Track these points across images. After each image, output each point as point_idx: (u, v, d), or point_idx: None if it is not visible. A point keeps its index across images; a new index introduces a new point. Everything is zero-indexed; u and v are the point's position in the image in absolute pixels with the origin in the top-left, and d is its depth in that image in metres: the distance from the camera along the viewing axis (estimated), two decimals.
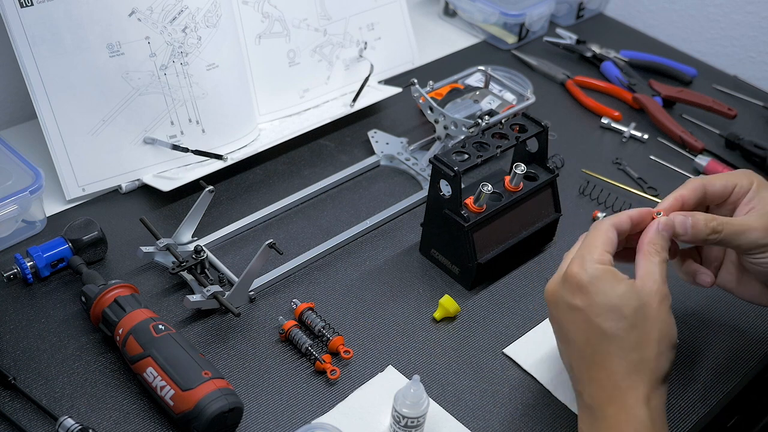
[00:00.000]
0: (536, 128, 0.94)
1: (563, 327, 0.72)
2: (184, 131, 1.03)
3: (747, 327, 0.92)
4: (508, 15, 1.35)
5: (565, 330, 0.72)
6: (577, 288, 0.70)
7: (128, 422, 0.77)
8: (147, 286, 0.90)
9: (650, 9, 1.51)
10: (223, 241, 0.97)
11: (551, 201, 0.98)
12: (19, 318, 0.86)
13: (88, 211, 0.99)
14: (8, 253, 0.92)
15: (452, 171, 0.87)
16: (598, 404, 0.69)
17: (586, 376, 0.70)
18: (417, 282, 0.94)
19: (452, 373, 0.84)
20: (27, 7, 0.92)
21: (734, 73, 1.37)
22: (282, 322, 0.85)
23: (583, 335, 0.70)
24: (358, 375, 0.83)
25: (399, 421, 0.74)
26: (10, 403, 0.77)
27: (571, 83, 1.29)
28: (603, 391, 0.69)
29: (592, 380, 0.70)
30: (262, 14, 1.09)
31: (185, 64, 1.01)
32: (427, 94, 1.07)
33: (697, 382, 0.85)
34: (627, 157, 1.16)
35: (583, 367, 0.71)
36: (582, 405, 0.72)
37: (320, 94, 1.16)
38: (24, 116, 1.11)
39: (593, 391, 0.70)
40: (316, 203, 1.04)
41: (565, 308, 0.71)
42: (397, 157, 1.10)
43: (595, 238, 0.73)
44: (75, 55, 0.95)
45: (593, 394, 0.70)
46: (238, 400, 0.74)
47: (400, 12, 1.23)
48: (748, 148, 1.16)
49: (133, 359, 0.77)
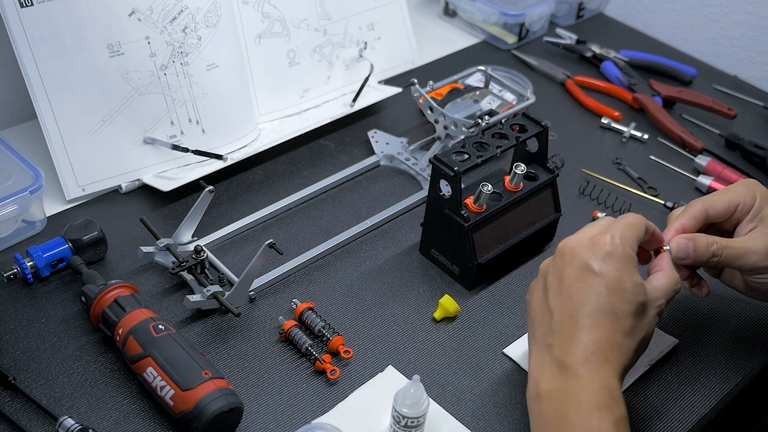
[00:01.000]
0: (536, 128, 0.94)
1: (566, 280, 0.72)
2: (184, 131, 1.03)
3: (747, 327, 0.92)
4: (508, 15, 1.35)
5: (567, 284, 0.72)
6: (604, 255, 0.71)
7: (128, 422, 0.77)
8: (147, 286, 0.90)
9: (650, 9, 1.51)
10: (223, 241, 0.97)
11: (551, 201, 0.98)
12: (19, 318, 0.86)
13: (88, 211, 0.99)
14: (8, 253, 0.92)
15: (452, 171, 0.87)
16: (572, 361, 0.69)
17: (570, 333, 0.70)
18: (417, 282, 0.94)
19: (452, 373, 0.84)
20: (27, 7, 0.92)
21: (734, 73, 1.37)
22: (282, 322, 0.85)
23: (585, 297, 0.70)
24: (358, 375, 0.83)
25: (399, 421, 0.74)
26: (10, 403, 0.77)
27: (571, 83, 1.29)
28: (582, 353, 0.69)
29: (574, 339, 0.70)
30: (262, 14, 1.09)
31: (185, 64, 1.01)
32: (427, 94, 1.07)
33: (697, 382, 0.85)
34: (627, 157, 1.16)
35: (569, 324, 0.70)
36: (549, 356, 0.71)
37: (320, 94, 1.16)
38: (24, 116, 1.11)
39: (572, 348, 0.69)
40: (316, 203, 1.04)
41: (580, 265, 0.71)
42: (397, 157, 1.10)
43: (631, 228, 0.74)
44: (75, 55, 0.95)
45: (571, 352, 0.69)
46: (238, 400, 0.74)
47: (400, 12, 1.23)
48: (748, 148, 1.16)
49: (133, 359, 0.77)
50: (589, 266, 0.71)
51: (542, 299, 0.74)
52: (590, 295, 0.70)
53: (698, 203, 0.81)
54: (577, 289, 0.71)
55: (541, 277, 0.76)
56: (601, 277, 0.70)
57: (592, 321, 0.70)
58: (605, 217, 0.79)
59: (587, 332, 0.70)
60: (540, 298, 0.75)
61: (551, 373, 0.70)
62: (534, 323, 0.74)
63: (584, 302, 0.70)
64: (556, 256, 0.75)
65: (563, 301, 0.72)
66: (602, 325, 0.70)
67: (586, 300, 0.70)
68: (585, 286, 0.71)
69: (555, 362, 0.70)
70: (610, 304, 0.70)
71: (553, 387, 0.69)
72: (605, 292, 0.70)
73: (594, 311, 0.70)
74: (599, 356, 0.69)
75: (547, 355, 0.71)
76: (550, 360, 0.71)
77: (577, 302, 0.71)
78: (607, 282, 0.70)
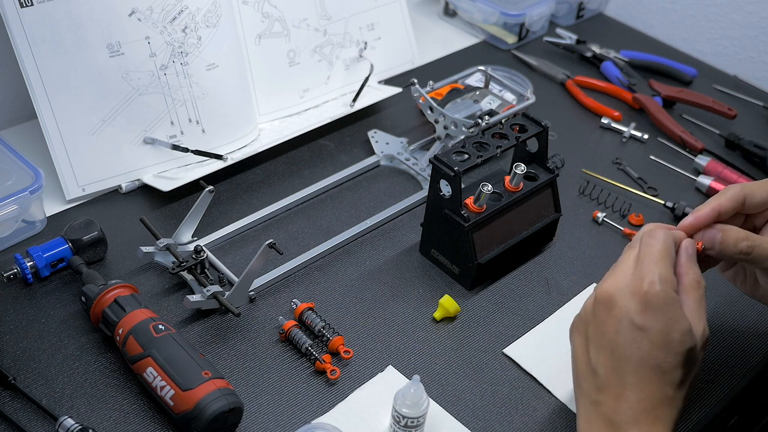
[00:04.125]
0: (536, 128, 0.94)
1: (607, 333, 0.68)
2: (184, 131, 1.03)
3: (747, 327, 0.92)
4: (508, 15, 1.35)
5: (608, 337, 0.68)
6: (645, 306, 0.67)
7: (128, 422, 0.77)
8: (147, 286, 0.90)
9: (650, 9, 1.51)
10: (223, 241, 0.97)
11: (551, 201, 0.98)
12: (19, 318, 0.86)
13: (88, 211, 0.99)
14: (8, 253, 0.92)
15: (452, 171, 0.87)
16: (621, 420, 0.67)
17: (617, 390, 0.67)
18: (417, 282, 0.94)
19: (452, 373, 0.84)
20: (27, 7, 0.92)
21: (734, 73, 1.37)
22: (282, 322, 0.85)
23: (628, 353, 0.67)
24: (358, 375, 0.83)
25: (399, 421, 0.74)
26: (10, 403, 0.77)
27: (571, 83, 1.29)
28: (631, 411, 0.67)
29: (621, 397, 0.67)
30: (262, 14, 1.09)
31: (185, 64, 1.01)
32: (427, 94, 1.07)
33: (697, 382, 0.85)
34: (627, 157, 1.16)
35: (616, 380, 0.68)
36: (597, 413, 0.69)
37: (320, 94, 1.16)
38: (24, 116, 1.11)
39: (621, 407, 0.67)
40: (316, 203, 1.04)
41: (620, 317, 0.68)
42: (397, 157, 1.10)
43: (665, 260, 0.70)
44: (75, 55, 0.95)
45: (619, 411, 0.67)
46: (238, 400, 0.74)
47: (400, 12, 1.23)
48: (748, 148, 1.16)
49: (133, 359, 0.77)
50: (631, 320, 0.67)
51: (584, 350, 0.71)
52: (633, 350, 0.67)
53: (737, 187, 0.76)
54: (619, 345, 0.67)
55: (581, 321, 0.72)
56: (645, 332, 0.66)
57: (638, 378, 0.67)
58: (630, 246, 0.73)
59: (634, 390, 0.67)
60: (582, 348, 0.71)
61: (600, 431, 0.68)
62: (578, 374, 0.71)
63: (628, 358, 0.67)
64: (596, 304, 0.70)
65: (606, 356, 0.68)
66: (650, 381, 0.67)
67: (630, 356, 0.67)
68: (627, 341, 0.67)
69: (604, 419, 0.68)
70: (656, 359, 0.66)
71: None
72: (649, 347, 0.66)
73: (639, 368, 0.67)
74: (649, 414, 0.66)
75: (594, 412, 0.69)
76: (598, 417, 0.68)
77: (621, 357, 0.67)
78: (650, 336, 0.66)
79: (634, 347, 0.67)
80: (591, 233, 1.02)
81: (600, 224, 1.04)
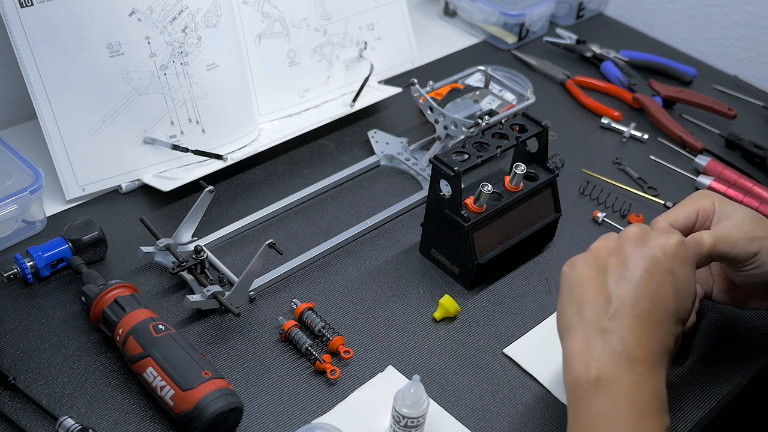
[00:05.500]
0: (536, 128, 0.94)
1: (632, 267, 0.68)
2: (184, 131, 1.03)
3: (747, 327, 0.92)
4: (508, 15, 1.35)
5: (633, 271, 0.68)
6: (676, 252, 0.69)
7: (128, 422, 0.77)
8: (147, 286, 0.90)
9: (650, 9, 1.51)
10: (223, 241, 0.97)
11: (551, 201, 0.98)
12: (19, 318, 0.86)
13: (88, 211, 0.99)
14: (8, 253, 0.92)
15: (452, 171, 0.87)
16: (631, 355, 0.66)
17: (631, 324, 0.66)
18: (417, 282, 0.94)
19: (452, 373, 0.84)
20: (27, 7, 0.92)
21: (734, 73, 1.37)
22: (282, 322, 0.85)
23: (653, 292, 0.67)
24: (358, 375, 0.83)
25: (399, 421, 0.74)
26: (10, 403, 0.77)
27: (571, 83, 1.29)
28: (643, 349, 0.66)
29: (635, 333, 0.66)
30: (262, 14, 1.09)
31: (185, 64, 1.01)
32: (427, 94, 1.07)
33: (697, 382, 0.85)
34: (627, 157, 1.16)
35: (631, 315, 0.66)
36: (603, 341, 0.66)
37: (320, 94, 1.16)
38: (24, 116, 1.11)
39: (632, 343, 0.66)
40: (316, 203, 1.04)
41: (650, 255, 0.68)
42: (397, 157, 1.10)
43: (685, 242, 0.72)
44: (75, 55, 0.95)
45: (630, 346, 0.66)
46: (238, 400, 0.74)
47: (400, 12, 1.23)
48: (748, 148, 1.16)
49: (133, 359, 0.77)
50: (659, 260, 0.68)
51: (598, 279, 0.69)
52: (659, 291, 0.67)
53: (661, 219, 0.78)
54: (644, 282, 0.68)
55: (593, 256, 0.71)
56: (673, 277, 0.68)
57: (655, 319, 0.67)
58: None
59: (649, 329, 0.66)
60: (595, 277, 0.69)
61: (606, 362, 0.65)
62: (582, 301, 0.69)
63: (651, 297, 0.67)
64: (620, 238, 0.71)
65: (627, 289, 0.68)
66: (664, 325, 0.67)
67: (654, 295, 0.67)
68: (655, 280, 0.68)
69: (611, 351, 0.66)
70: (676, 307, 0.67)
71: (607, 377, 0.65)
72: (674, 293, 0.67)
73: (660, 310, 0.67)
74: (657, 357, 0.66)
75: (600, 340, 0.66)
76: (604, 345, 0.66)
77: (644, 295, 0.67)
78: (677, 283, 0.68)
79: (660, 289, 0.68)
80: (591, 233, 1.02)
81: (600, 224, 1.04)
